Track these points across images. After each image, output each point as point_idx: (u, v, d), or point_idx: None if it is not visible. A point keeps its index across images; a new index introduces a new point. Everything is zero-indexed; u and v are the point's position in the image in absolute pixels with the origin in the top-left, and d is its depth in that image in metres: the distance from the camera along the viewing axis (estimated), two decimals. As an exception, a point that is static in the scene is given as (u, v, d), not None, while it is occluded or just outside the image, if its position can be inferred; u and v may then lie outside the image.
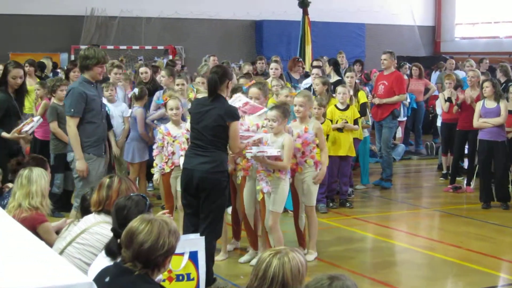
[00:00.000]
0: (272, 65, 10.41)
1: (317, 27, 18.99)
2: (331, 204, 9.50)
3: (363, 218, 9.12)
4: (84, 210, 4.96)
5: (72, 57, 18.17)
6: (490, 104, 9.53)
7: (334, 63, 11.06)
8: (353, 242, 8.11)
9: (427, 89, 14.61)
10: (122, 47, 19.95)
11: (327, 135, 8.68)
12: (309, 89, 9.74)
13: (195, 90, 8.06)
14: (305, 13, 15.52)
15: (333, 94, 9.67)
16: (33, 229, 5.04)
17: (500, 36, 22.93)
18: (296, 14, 16.42)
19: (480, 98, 9.81)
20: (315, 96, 8.75)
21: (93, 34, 19.86)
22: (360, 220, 9.06)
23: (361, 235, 8.50)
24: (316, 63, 11.59)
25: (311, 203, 7.18)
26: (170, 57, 18.96)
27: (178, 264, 5.08)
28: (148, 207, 4.27)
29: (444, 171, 11.70)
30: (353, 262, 7.23)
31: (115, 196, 4.58)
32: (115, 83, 9.84)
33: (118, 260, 3.73)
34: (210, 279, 5.94)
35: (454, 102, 10.83)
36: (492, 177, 9.82)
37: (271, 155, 6.47)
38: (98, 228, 4.60)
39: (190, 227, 6.12)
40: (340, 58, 13.08)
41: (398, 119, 11.77)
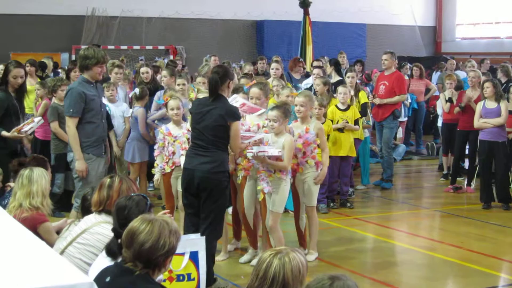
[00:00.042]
0: (273, 65, 10.40)
1: (318, 27, 19.01)
2: (331, 204, 9.50)
3: (363, 219, 9.12)
4: (85, 210, 4.96)
5: (73, 57, 18.12)
6: (490, 104, 9.53)
7: (335, 63, 11.06)
8: (353, 242, 8.11)
9: (427, 90, 14.62)
10: (123, 47, 19.93)
11: (328, 135, 8.68)
12: (310, 89, 9.74)
13: (196, 90, 8.06)
14: (306, 13, 15.52)
15: (334, 94, 9.67)
16: (34, 229, 5.04)
17: (501, 36, 22.90)
18: (297, 14, 16.42)
19: (480, 99, 9.81)
20: (316, 96, 8.74)
21: (94, 34, 19.84)
22: (360, 220, 9.06)
23: (361, 235, 8.50)
24: (316, 63, 11.59)
25: (311, 203, 7.17)
26: (171, 57, 18.94)
27: (178, 264, 5.08)
28: (149, 207, 4.28)
29: (445, 172, 11.70)
30: (353, 262, 7.23)
31: (115, 196, 4.58)
32: (116, 83, 9.82)
33: (118, 260, 3.74)
34: (211, 279, 5.94)
35: (455, 103, 10.84)
36: (493, 177, 9.82)
37: (272, 155, 6.48)
38: (98, 228, 4.60)
39: (191, 227, 6.12)
40: (341, 58, 13.09)
41: (399, 120, 11.78)
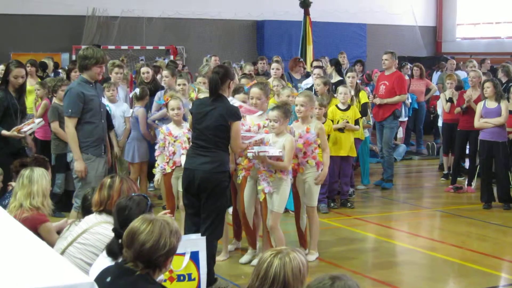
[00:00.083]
0: (274, 65, 10.40)
1: (319, 27, 19.00)
2: (332, 204, 9.49)
3: (364, 218, 9.12)
4: (86, 210, 4.96)
5: (74, 57, 18.11)
6: (491, 104, 9.52)
7: (336, 63, 11.07)
8: (354, 242, 8.10)
9: (428, 90, 14.62)
10: (123, 47, 19.94)
11: (328, 135, 8.67)
12: (310, 89, 9.74)
13: (196, 89, 8.05)
14: (306, 13, 15.51)
15: (334, 94, 9.67)
16: (34, 229, 5.04)
17: (502, 36, 22.90)
18: (297, 15, 16.42)
19: (481, 99, 9.81)
20: (316, 96, 8.74)
21: (94, 34, 19.85)
22: (361, 220, 9.05)
23: (362, 235, 8.49)
24: (316, 64, 11.58)
25: (312, 203, 7.17)
26: (172, 57, 18.95)
27: (179, 264, 5.08)
28: (150, 207, 4.27)
29: (445, 171, 11.70)
30: (354, 262, 7.23)
31: (116, 196, 4.57)
32: (116, 83, 9.82)
33: (119, 260, 3.74)
34: (211, 279, 5.94)
35: (455, 103, 10.84)
36: (493, 177, 9.82)
37: (273, 155, 6.47)
38: (99, 228, 4.59)
39: (192, 227, 6.12)
40: (342, 58, 13.09)
41: (399, 119, 11.78)
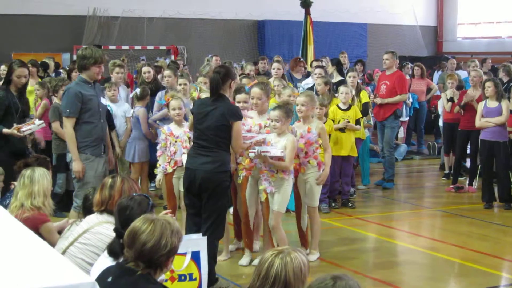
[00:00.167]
0: (274, 65, 10.40)
1: (319, 27, 19.01)
2: (333, 204, 9.49)
3: (365, 218, 9.11)
4: (87, 210, 4.96)
5: (75, 57, 18.13)
6: (491, 104, 9.52)
7: (337, 63, 11.06)
8: (355, 242, 8.10)
9: (429, 89, 14.62)
10: (124, 47, 19.95)
11: (329, 135, 8.66)
12: (311, 89, 9.74)
13: (198, 89, 8.04)
14: (307, 13, 15.51)
15: (335, 94, 9.67)
16: (36, 229, 5.04)
17: (502, 36, 22.90)
18: (298, 14, 16.42)
19: (482, 98, 9.80)
20: (317, 96, 8.73)
21: (95, 34, 19.86)
22: (362, 220, 9.05)
23: (363, 235, 8.49)
24: (315, 64, 11.57)
25: (313, 203, 7.16)
26: (172, 57, 18.95)
27: (180, 264, 5.08)
28: (151, 207, 4.27)
29: (446, 171, 11.69)
30: (355, 262, 7.22)
31: (117, 196, 4.57)
32: (117, 83, 9.82)
33: (120, 260, 3.74)
34: (212, 279, 5.93)
35: (456, 102, 10.83)
36: (494, 177, 9.81)
37: (274, 156, 6.47)
38: (100, 228, 4.59)
39: (193, 227, 6.12)
40: (343, 58, 13.09)
41: (400, 119, 11.77)
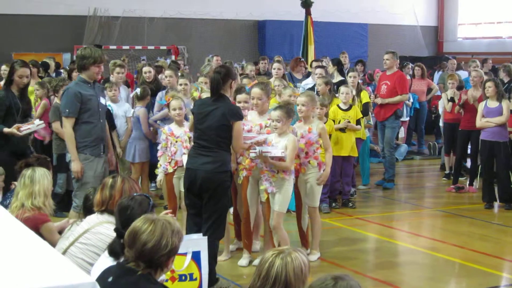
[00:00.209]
0: (275, 65, 10.40)
1: (320, 27, 19.01)
2: (333, 204, 9.49)
3: (365, 218, 9.11)
4: (87, 210, 4.96)
5: (75, 57, 18.13)
6: (492, 104, 9.52)
7: (338, 63, 11.06)
8: (355, 242, 8.10)
9: (429, 89, 14.61)
10: (124, 47, 19.96)
11: (330, 135, 8.66)
12: (311, 89, 9.73)
13: (199, 89, 8.04)
14: (307, 13, 15.51)
15: (336, 94, 9.67)
16: (36, 229, 5.04)
17: (503, 36, 22.90)
18: (298, 14, 16.42)
19: (482, 98, 9.80)
20: (318, 96, 8.73)
21: (96, 34, 19.87)
22: (362, 220, 9.05)
23: (363, 235, 8.49)
24: (316, 64, 11.57)
25: (314, 204, 7.16)
26: (173, 57, 18.95)
27: (181, 264, 5.08)
28: (151, 207, 4.27)
29: (447, 171, 11.69)
30: (356, 262, 7.23)
31: (118, 196, 4.57)
32: (118, 83, 9.82)
33: (121, 260, 3.74)
34: (213, 279, 5.93)
35: (456, 103, 10.83)
36: (495, 177, 9.81)
37: (275, 156, 6.47)
38: (101, 228, 4.59)
39: (193, 227, 6.11)
40: (343, 58, 13.09)
41: (401, 119, 11.77)
